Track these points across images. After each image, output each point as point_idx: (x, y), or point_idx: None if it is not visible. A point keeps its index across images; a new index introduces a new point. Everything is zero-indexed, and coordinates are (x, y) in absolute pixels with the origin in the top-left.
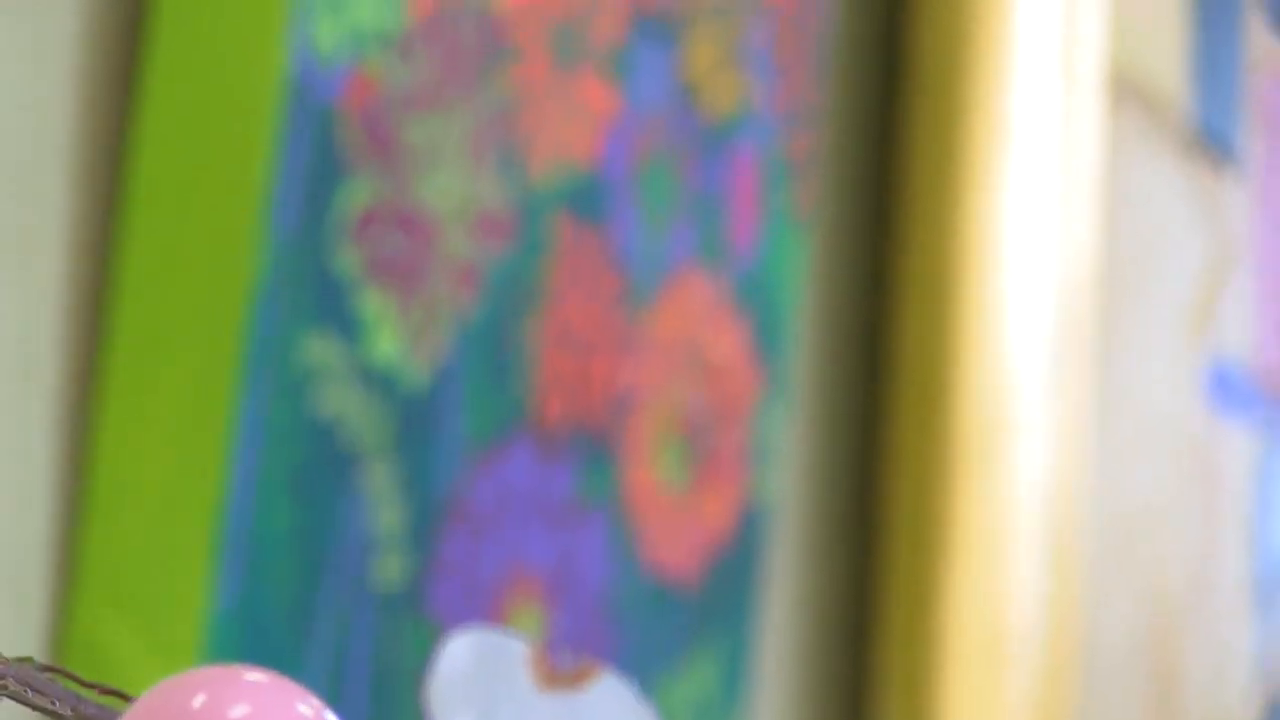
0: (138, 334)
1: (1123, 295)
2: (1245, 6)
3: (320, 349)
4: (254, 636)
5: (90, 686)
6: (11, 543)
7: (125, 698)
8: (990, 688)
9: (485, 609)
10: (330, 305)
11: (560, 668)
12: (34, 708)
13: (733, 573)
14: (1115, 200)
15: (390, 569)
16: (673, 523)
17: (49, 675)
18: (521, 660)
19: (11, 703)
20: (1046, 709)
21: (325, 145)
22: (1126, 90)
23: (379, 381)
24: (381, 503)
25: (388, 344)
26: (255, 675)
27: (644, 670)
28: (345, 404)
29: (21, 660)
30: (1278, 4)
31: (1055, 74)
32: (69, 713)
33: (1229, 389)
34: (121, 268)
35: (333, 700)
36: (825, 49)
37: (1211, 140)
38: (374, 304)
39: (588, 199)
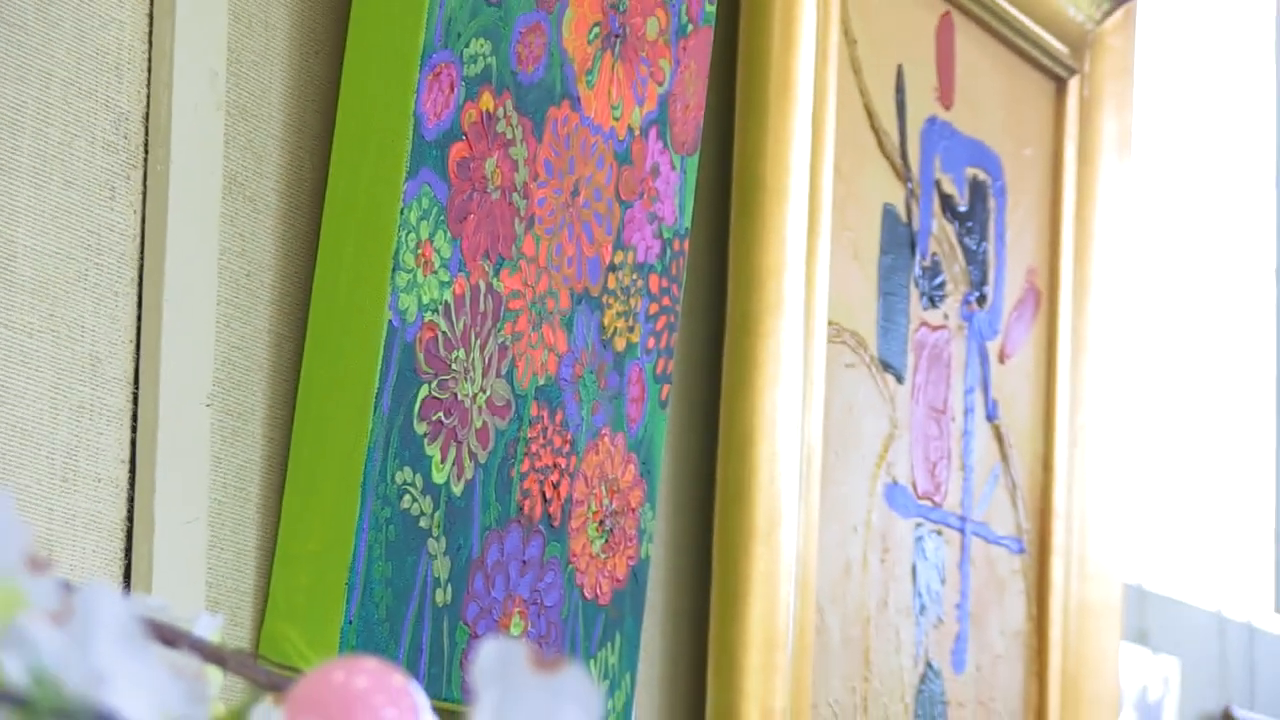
0: (305, 470)
1: (840, 449)
2: (911, 286)
3: (404, 475)
4: (368, 641)
5: (277, 665)
6: (231, 589)
7: (298, 672)
8: (768, 658)
9: (494, 622)
10: (409, 452)
11: (545, 660)
12: (245, 678)
13: (627, 599)
14: (834, 398)
15: (443, 598)
16: (596, 572)
17: (254, 659)
18: (524, 655)
19: (233, 675)
20: (798, 672)
21: (407, 365)
22: (842, 334)
23: (435, 493)
24: (437, 559)
25: (440, 473)
26: (372, 663)
27: (580, 655)
28: (417, 505)
29: (238, 650)
30: (927, 287)
31: (801, 327)
32: (264, 680)
33: (898, 499)
34: (297, 438)
35: (416, 675)
36: (679, 313)
37: (889, 363)
38: (433, 451)
39: (550, 395)
